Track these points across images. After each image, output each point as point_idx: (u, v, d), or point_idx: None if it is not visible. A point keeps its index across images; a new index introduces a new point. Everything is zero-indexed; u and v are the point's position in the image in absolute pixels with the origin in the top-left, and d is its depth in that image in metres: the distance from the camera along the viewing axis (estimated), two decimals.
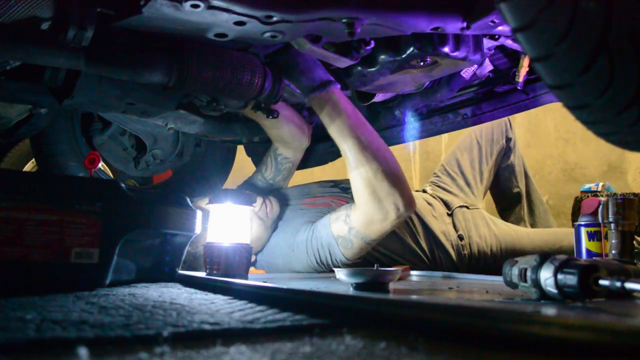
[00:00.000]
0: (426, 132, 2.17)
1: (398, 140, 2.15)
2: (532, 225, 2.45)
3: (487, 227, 2.15)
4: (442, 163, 2.48)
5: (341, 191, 2.02)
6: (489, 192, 2.56)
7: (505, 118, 2.40)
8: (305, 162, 2.21)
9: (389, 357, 0.52)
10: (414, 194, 1.75)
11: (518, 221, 2.43)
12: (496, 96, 2.02)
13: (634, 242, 1.27)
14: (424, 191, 2.30)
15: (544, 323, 0.55)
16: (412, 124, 2.12)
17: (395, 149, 1.93)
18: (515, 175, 2.51)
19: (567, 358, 0.52)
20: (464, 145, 2.46)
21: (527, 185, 2.54)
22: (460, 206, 2.19)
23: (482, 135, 2.45)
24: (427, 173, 3.67)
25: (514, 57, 1.88)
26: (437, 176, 2.40)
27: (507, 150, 2.49)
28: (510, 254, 2.08)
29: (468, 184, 2.36)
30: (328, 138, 1.77)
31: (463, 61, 1.49)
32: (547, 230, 2.32)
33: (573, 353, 0.52)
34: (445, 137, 3.70)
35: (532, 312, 0.64)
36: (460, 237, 2.06)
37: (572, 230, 2.16)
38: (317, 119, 1.98)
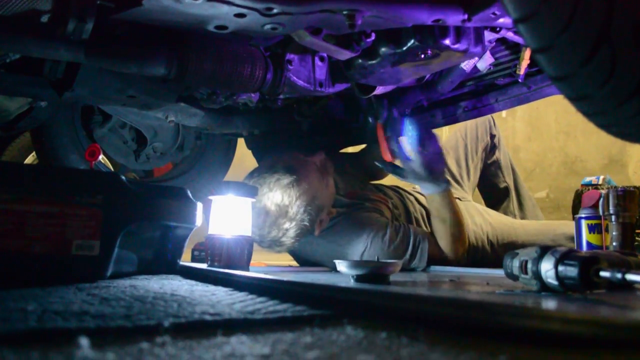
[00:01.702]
0: (426, 125, 2.17)
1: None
2: (522, 219, 2.47)
3: (482, 217, 2.17)
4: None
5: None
6: (477, 190, 2.59)
7: (489, 116, 2.45)
8: None
9: (389, 346, 0.52)
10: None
11: (507, 216, 2.45)
12: (497, 89, 2.02)
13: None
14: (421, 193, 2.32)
15: (544, 317, 0.55)
16: (412, 116, 2.11)
17: None
18: (501, 170, 2.56)
19: (567, 351, 0.52)
20: (450, 145, 2.52)
21: (514, 180, 2.58)
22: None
23: (467, 133, 2.52)
24: None
25: (515, 50, 1.88)
26: None
27: (492, 147, 2.55)
28: (506, 242, 2.11)
29: (456, 181, 2.41)
30: None
31: (464, 54, 1.49)
32: (539, 221, 2.36)
33: (573, 346, 0.52)
34: (445, 130, 3.68)
35: (531, 305, 0.64)
36: None
37: (566, 221, 2.17)
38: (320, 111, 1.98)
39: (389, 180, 2.34)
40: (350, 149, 2.40)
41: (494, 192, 2.56)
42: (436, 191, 1.86)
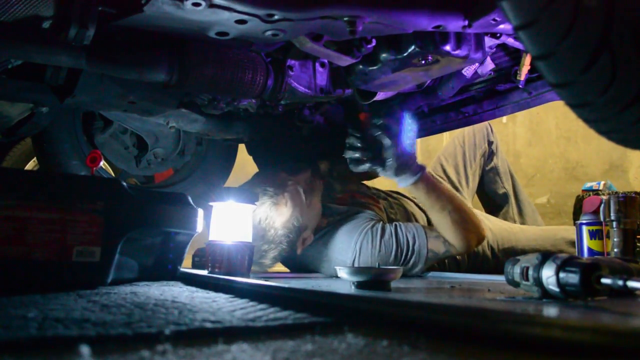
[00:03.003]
0: (427, 131, 2.17)
1: None
2: (522, 225, 2.47)
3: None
4: (428, 170, 2.51)
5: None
6: (476, 197, 2.60)
7: (486, 123, 2.45)
8: None
9: (390, 355, 0.52)
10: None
11: (507, 221, 2.45)
12: (498, 95, 2.02)
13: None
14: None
15: (545, 324, 0.54)
16: (413, 122, 2.12)
17: None
18: (500, 176, 2.56)
19: (568, 358, 0.52)
20: (448, 152, 2.53)
21: (513, 186, 2.58)
22: None
23: (464, 141, 2.53)
24: None
25: (515, 56, 1.88)
26: None
27: (489, 153, 2.56)
28: (507, 247, 2.10)
29: (455, 188, 2.41)
30: None
31: (464, 60, 1.49)
32: (540, 227, 2.36)
33: (575, 354, 0.52)
34: (446, 135, 3.70)
35: (533, 313, 0.64)
36: None
37: (566, 226, 2.17)
38: (319, 117, 1.98)
39: (390, 184, 2.33)
40: None
41: (493, 199, 2.57)
42: (416, 178, 1.77)
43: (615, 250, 1.23)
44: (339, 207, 1.92)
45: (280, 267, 2.13)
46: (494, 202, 2.56)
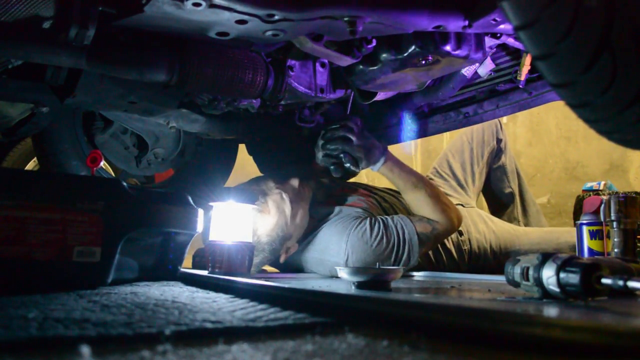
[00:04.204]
0: (428, 131, 2.17)
1: (399, 139, 2.15)
2: (526, 225, 2.45)
3: (485, 224, 2.15)
4: (434, 165, 2.49)
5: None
6: (481, 194, 2.57)
7: (496, 120, 2.42)
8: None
9: (391, 355, 0.52)
10: None
11: (511, 221, 2.44)
12: (498, 95, 2.02)
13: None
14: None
15: (546, 324, 0.54)
16: (413, 122, 2.11)
17: (396, 147, 1.93)
18: (507, 175, 2.53)
19: (569, 358, 0.52)
20: (455, 148, 2.49)
21: (519, 186, 2.55)
22: (456, 204, 2.19)
23: (473, 137, 2.48)
24: (428, 172, 3.67)
25: (515, 56, 1.88)
26: (430, 179, 2.40)
27: (498, 151, 2.52)
28: (509, 250, 2.09)
29: (460, 185, 2.38)
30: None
31: (465, 60, 1.49)
32: (543, 229, 2.34)
33: (575, 354, 0.52)
34: (447, 135, 3.70)
35: (533, 313, 0.64)
36: (460, 233, 2.06)
37: (569, 228, 2.17)
38: (320, 117, 1.98)
39: (387, 182, 2.33)
40: None
41: (499, 197, 2.54)
42: (384, 157, 1.83)
43: (616, 250, 1.23)
44: (327, 208, 1.90)
45: (268, 268, 2.12)
46: (499, 201, 2.54)
